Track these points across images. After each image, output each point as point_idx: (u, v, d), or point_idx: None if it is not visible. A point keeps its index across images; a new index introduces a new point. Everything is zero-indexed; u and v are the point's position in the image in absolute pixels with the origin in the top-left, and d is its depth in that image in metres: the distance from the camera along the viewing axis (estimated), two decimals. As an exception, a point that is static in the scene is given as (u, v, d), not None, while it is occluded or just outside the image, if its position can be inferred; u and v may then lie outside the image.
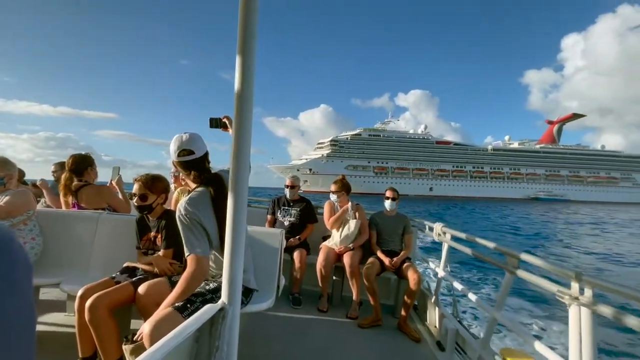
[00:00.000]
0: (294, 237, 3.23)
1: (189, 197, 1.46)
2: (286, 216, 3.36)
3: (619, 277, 8.07)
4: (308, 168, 75.91)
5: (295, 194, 3.41)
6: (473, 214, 27.58)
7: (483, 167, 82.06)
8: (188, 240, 1.39)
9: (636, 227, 21.72)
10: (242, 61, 0.82)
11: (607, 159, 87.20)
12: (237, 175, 0.91)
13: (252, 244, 1.92)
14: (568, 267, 1.39)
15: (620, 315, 1.12)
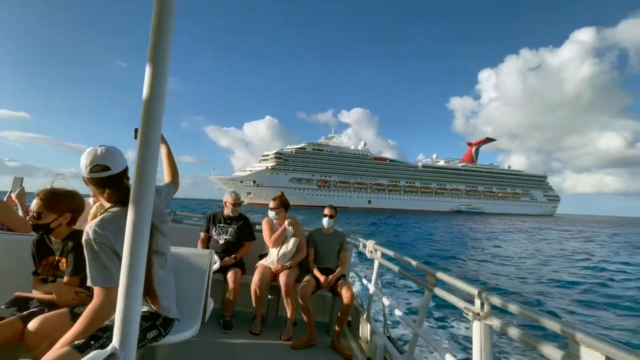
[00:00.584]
0: (229, 256, 3.09)
1: (101, 218, 1.28)
2: (222, 234, 3.20)
3: (510, 278, 9.65)
4: (252, 180, 74.86)
5: (237, 212, 3.29)
6: (406, 226, 29.93)
7: (414, 182, 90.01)
8: (94, 269, 1.21)
9: (529, 234, 26.65)
10: (153, 66, 0.74)
11: (512, 177, 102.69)
12: (139, 193, 0.78)
13: (177, 267, 1.73)
14: (473, 284, 1.56)
15: (513, 329, 1.26)
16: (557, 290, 8.31)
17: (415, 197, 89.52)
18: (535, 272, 10.64)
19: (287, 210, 3.27)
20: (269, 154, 79.61)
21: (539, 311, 1.20)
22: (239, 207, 3.30)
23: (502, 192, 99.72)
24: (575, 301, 7.44)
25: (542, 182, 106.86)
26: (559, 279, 9.72)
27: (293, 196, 76.27)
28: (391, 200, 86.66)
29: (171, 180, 1.75)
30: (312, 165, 79.90)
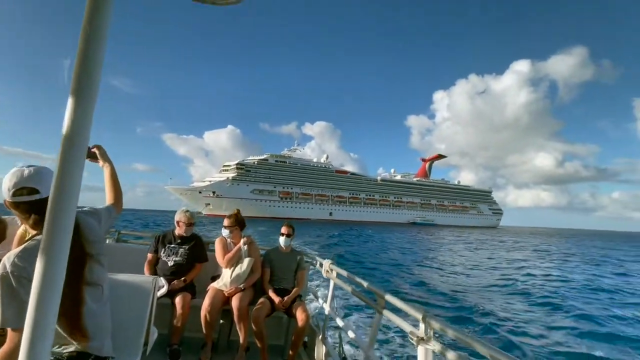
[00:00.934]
0: (178, 279, 2.91)
1: (23, 247, 1.10)
2: (172, 255, 3.00)
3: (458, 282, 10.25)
4: (211, 191, 72.32)
5: (189, 232, 3.11)
6: (366, 237, 30.65)
7: (374, 195, 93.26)
8: (9, 307, 1.03)
9: (474, 245, 28.86)
10: (82, 65, 0.62)
11: (462, 191, 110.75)
12: (56, 216, 0.61)
13: (116, 295, 1.59)
14: (419, 308, 1.59)
15: (454, 353, 1.27)
16: (502, 301, 8.84)
17: (375, 209, 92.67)
18: (479, 282, 11.48)
19: (242, 229, 3.15)
20: (231, 164, 77.89)
21: (474, 336, 1.25)
22: (192, 227, 3.12)
23: (453, 205, 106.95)
24: (517, 309, 8.03)
25: (487, 197, 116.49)
26: (500, 285, 10.60)
27: (254, 207, 75.09)
28: (352, 212, 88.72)
29: (113, 203, 1.54)
30: (275, 176, 79.28)
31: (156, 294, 1.86)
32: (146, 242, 3.68)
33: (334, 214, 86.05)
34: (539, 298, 9.14)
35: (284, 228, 3.21)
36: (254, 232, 26.86)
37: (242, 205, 73.60)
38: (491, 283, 11.16)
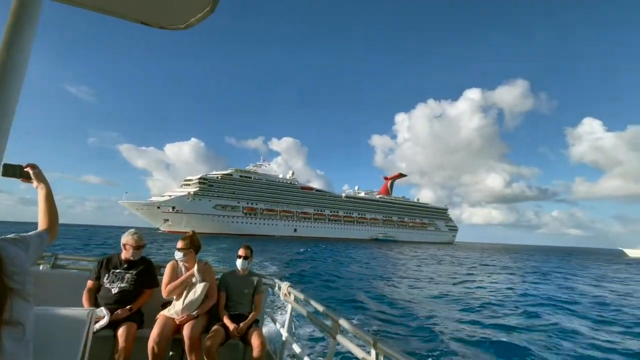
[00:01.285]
0: (123, 308, 2.63)
1: None
2: (116, 281, 2.72)
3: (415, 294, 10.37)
4: (171, 206, 69.19)
5: (138, 255, 2.86)
6: (329, 253, 30.93)
7: (338, 212, 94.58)
8: None
9: (430, 260, 30.52)
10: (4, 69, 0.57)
11: (421, 209, 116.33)
12: None
13: (44, 333, 1.44)
14: (371, 333, 1.62)
15: None
16: (453, 316, 9.11)
17: (339, 225, 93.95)
18: (434, 297, 11.86)
19: (197, 252, 2.94)
20: (193, 178, 75.09)
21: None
22: (141, 250, 2.88)
23: (412, 222, 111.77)
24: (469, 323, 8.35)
25: (444, 214, 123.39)
26: (452, 300, 11.04)
27: (216, 224, 72.79)
28: (316, 228, 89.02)
29: (47, 228, 1.36)
30: (239, 192, 77.39)
31: (92, 327, 1.65)
32: (86, 268, 3.28)
33: (298, 230, 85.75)
34: (485, 310, 9.75)
35: (241, 250, 3.11)
36: (215, 250, 26.12)
37: (204, 221, 71.25)
38: (445, 298, 11.70)
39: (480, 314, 9.36)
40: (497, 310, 9.89)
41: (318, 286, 12.20)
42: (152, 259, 3.10)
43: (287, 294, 2.99)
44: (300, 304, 2.80)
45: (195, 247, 2.92)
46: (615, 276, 23.76)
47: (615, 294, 14.38)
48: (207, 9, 1.00)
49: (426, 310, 9.40)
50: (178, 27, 1.03)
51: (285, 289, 3.03)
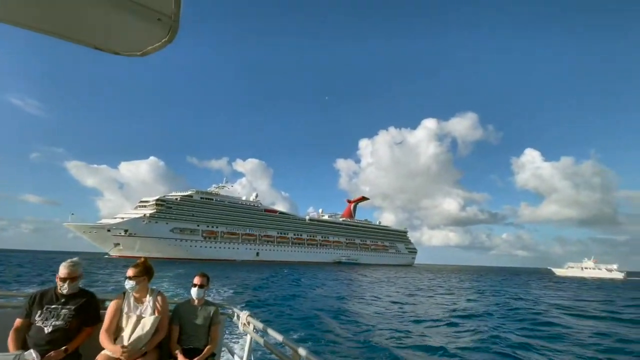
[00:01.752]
0: (57, 349, 2.30)
1: None
2: (50, 318, 2.37)
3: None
4: (123, 229, 65.27)
5: (74, 288, 2.48)
6: (292, 277, 30.71)
7: (302, 235, 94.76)
8: None
9: (391, 281, 32.42)
10: None
11: (382, 231, 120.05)
12: None
13: None
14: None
15: None
16: (411, 335, 9.83)
17: (302, 248, 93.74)
18: (393, 319, 12.39)
19: (150, 280, 2.67)
20: (149, 200, 71.49)
21: None
22: (76, 281, 2.48)
23: (374, 244, 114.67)
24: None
25: (403, 236, 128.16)
26: (410, 320, 11.85)
27: (174, 248, 69.42)
28: (279, 252, 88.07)
29: None
30: (199, 214, 75.10)
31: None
32: (18, 304, 2.74)
33: (261, 254, 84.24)
34: (425, 322, 11.36)
35: (196, 278, 2.88)
36: (171, 276, 25.21)
37: (160, 245, 67.65)
38: (401, 318, 12.39)
39: (422, 327, 11.01)
40: (432, 323, 11.49)
41: (279, 313, 12.20)
42: (100, 288, 3.06)
43: (247, 324, 2.84)
44: (260, 334, 2.68)
45: (148, 274, 2.65)
46: (535, 292, 27.35)
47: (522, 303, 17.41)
48: (165, 39, 1.00)
49: (384, 330, 10.26)
50: (134, 54, 1.04)
51: (244, 318, 2.88)
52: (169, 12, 0.96)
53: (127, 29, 0.98)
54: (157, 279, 20.68)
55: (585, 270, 78.95)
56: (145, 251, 64.33)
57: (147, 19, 0.95)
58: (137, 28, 0.98)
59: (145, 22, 0.96)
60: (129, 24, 0.97)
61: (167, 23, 0.97)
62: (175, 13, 0.96)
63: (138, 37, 1.01)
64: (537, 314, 14.17)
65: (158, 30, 0.98)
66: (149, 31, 0.98)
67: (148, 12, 0.94)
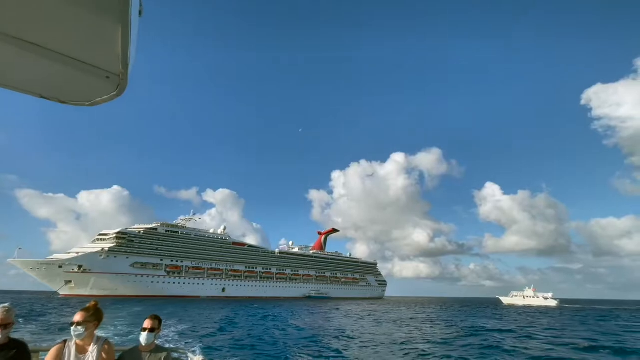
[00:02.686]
0: None
1: None
2: None
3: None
4: (77, 265, 61.07)
5: (4, 337, 2.18)
6: (259, 316, 29.49)
7: (271, 269, 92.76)
8: None
9: (364, 315, 32.97)
10: None
11: (352, 264, 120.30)
12: None
13: None
14: None
15: None
16: None
17: (271, 283, 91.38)
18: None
19: (98, 325, 2.48)
20: (109, 233, 67.89)
21: None
22: (9, 328, 2.20)
23: (345, 277, 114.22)
24: None
25: (373, 269, 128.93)
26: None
27: (133, 285, 65.38)
28: (247, 287, 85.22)
29: None
30: (163, 248, 72.10)
31: None
32: None
33: (227, 289, 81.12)
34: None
35: (146, 322, 2.70)
36: (125, 315, 24.29)
37: (117, 281, 63.60)
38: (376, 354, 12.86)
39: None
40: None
41: (241, 355, 11.78)
42: (36, 335, 2.65)
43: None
44: None
45: (98, 320, 2.44)
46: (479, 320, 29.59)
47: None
48: (114, 93, 1.01)
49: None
50: (82, 103, 1.04)
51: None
52: (117, 72, 0.97)
53: (75, 82, 0.99)
54: (109, 319, 19.82)
55: (527, 298, 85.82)
56: (100, 288, 60.24)
57: (95, 75, 0.96)
58: (85, 82, 0.99)
59: (93, 78, 0.97)
60: (77, 79, 0.98)
61: (115, 81, 0.99)
62: (122, 73, 0.97)
63: (86, 90, 1.02)
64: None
65: (107, 86, 0.99)
66: (97, 86, 0.99)
67: (96, 70, 0.95)
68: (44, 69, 0.97)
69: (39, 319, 23.48)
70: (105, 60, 0.94)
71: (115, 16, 0.82)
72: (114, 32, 0.85)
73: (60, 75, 0.97)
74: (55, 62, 0.93)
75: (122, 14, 0.82)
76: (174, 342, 14.08)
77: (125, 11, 0.81)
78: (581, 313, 45.97)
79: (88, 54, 0.92)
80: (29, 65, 0.95)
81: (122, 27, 0.84)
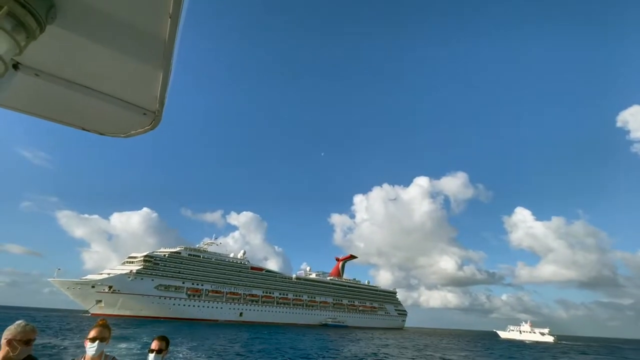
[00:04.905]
0: None
1: None
2: None
3: None
4: (108, 285, 65.50)
5: (25, 353, 1.89)
6: (274, 343, 29.56)
7: (287, 294, 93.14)
8: None
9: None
10: None
11: (370, 291, 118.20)
12: None
13: None
14: None
15: None
16: None
17: (288, 309, 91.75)
18: None
19: (108, 343, 2.37)
20: (137, 255, 72.57)
21: None
22: (30, 346, 1.90)
23: (362, 305, 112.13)
24: None
25: (392, 297, 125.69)
26: None
27: (156, 306, 68.74)
28: (263, 312, 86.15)
29: None
30: (185, 271, 75.58)
31: None
32: None
33: (244, 314, 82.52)
34: None
35: (154, 342, 2.63)
36: (145, 337, 23.77)
37: (143, 302, 67.28)
38: None
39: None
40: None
41: None
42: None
43: None
44: None
45: (109, 336, 2.37)
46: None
47: None
48: (148, 127, 1.09)
49: None
50: (118, 135, 1.12)
51: None
52: (154, 109, 1.06)
53: (114, 117, 1.08)
54: (132, 339, 21.71)
55: (523, 333, 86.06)
56: (127, 309, 63.91)
57: (133, 112, 1.05)
58: (123, 118, 1.07)
59: (132, 114, 1.06)
60: (117, 115, 1.06)
61: (150, 117, 1.08)
62: (158, 110, 1.06)
63: (124, 124, 1.10)
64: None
65: (143, 121, 1.08)
66: (134, 121, 1.08)
67: (135, 108, 1.04)
68: (86, 105, 1.06)
69: (72, 334, 25.40)
70: (144, 99, 1.02)
71: (158, 62, 0.88)
72: (155, 76, 0.91)
73: (102, 111, 1.06)
74: (98, 100, 1.01)
75: (165, 61, 0.87)
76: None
77: (169, 58, 0.86)
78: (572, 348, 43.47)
79: (130, 94, 1.01)
80: (74, 102, 1.04)
81: (163, 72, 0.90)
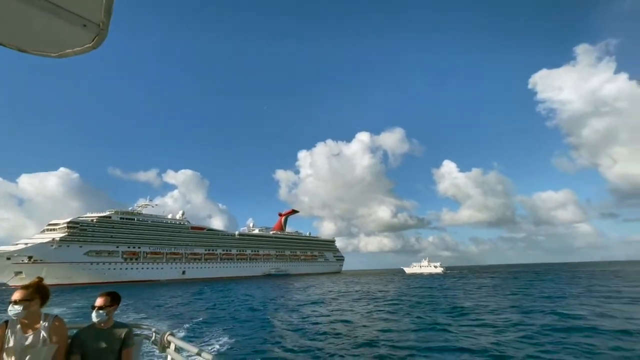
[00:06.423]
0: None
1: None
2: None
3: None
4: (27, 256, 60.53)
5: None
6: (219, 293, 30.41)
7: (231, 250, 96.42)
8: None
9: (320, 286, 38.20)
10: None
11: (311, 242, 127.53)
12: None
13: None
14: None
15: None
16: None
17: (231, 263, 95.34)
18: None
19: (44, 304, 2.19)
20: (59, 222, 66.64)
21: None
22: None
23: (304, 255, 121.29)
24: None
25: (331, 245, 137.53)
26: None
27: (90, 272, 66.11)
28: (207, 269, 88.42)
29: None
30: (118, 235, 72.41)
31: None
32: None
33: (187, 272, 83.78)
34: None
35: (98, 299, 2.37)
36: (85, 303, 22.59)
37: (73, 270, 64.14)
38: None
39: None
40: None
41: (210, 334, 11.58)
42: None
43: (167, 344, 2.46)
44: (183, 354, 2.35)
45: (42, 297, 2.18)
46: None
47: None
48: (89, 45, 0.90)
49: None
50: (48, 54, 0.91)
51: (164, 338, 2.50)
52: (97, 20, 0.86)
53: (42, 28, 0.84)
54: (69, 306, 21.77)
55: (423, 267, 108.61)
56: (54, 278, 60.55)
57: (69, 22, 0.83)
58: (55, 29, 0.84)
59: (66, 24, 0.83)
60: (46, 24, 0.82)
61: (93, 30, 0.87)
62: (104, 21, 0.86)
63: (55, 39, 0.88)
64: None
65: (82, 35, 0.87)
66: (70, 35, 0.86)
67: (72, 17, 0.82)
68: (8, 12, 0.80)
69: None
70: (85, 5, 0.80)
71: None
72: None
73: (24, 18, 0.80)
74: (19, 2, 0.77)
75: None
76: (134, 320, 14.90)
77: None
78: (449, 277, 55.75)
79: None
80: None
81: None
